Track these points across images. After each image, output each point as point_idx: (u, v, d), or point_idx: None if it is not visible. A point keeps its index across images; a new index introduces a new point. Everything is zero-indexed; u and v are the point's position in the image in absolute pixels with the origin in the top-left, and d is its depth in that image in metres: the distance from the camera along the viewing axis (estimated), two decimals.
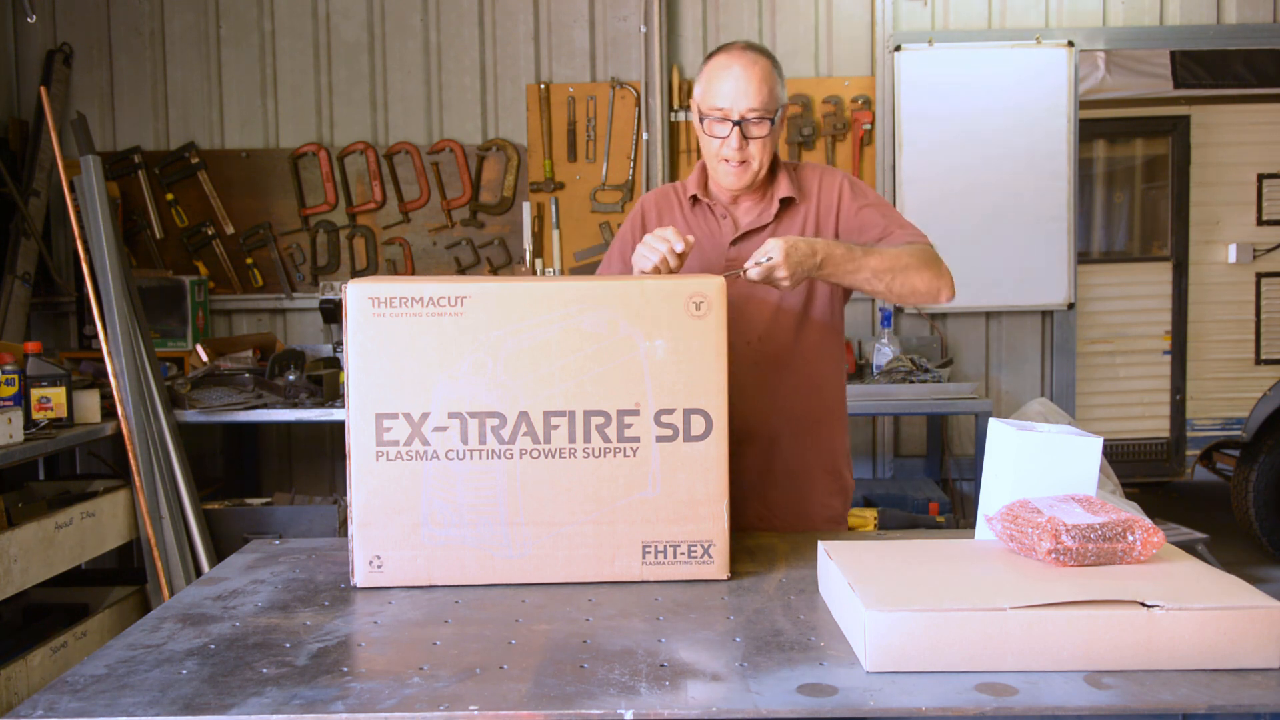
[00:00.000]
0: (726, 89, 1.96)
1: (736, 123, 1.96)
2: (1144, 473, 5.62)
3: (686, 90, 4.53)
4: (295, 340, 4.68)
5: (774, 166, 2.08)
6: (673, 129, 4.56)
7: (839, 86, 4.58)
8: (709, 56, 2.04)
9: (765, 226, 2.05)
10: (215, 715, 1.17)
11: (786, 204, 2.07)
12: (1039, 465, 1.51)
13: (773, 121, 1.98)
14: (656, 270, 1.80)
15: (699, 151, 2.13)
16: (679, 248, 1.80)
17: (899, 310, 4.49)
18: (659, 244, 1.81)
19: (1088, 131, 5.36)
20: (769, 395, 2.05)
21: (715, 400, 1.61)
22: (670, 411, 1.60)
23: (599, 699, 1.19)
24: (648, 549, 1.62)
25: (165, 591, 3.51)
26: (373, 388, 1.59)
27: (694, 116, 2.07)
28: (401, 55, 4.64)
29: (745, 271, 1.81)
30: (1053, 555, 1.38)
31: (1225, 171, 5.55)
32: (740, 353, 1.98)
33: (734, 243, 2.06)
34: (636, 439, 1.60)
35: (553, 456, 1.60)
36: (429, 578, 1.62)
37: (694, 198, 2.12)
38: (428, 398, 1.59)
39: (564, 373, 1.59)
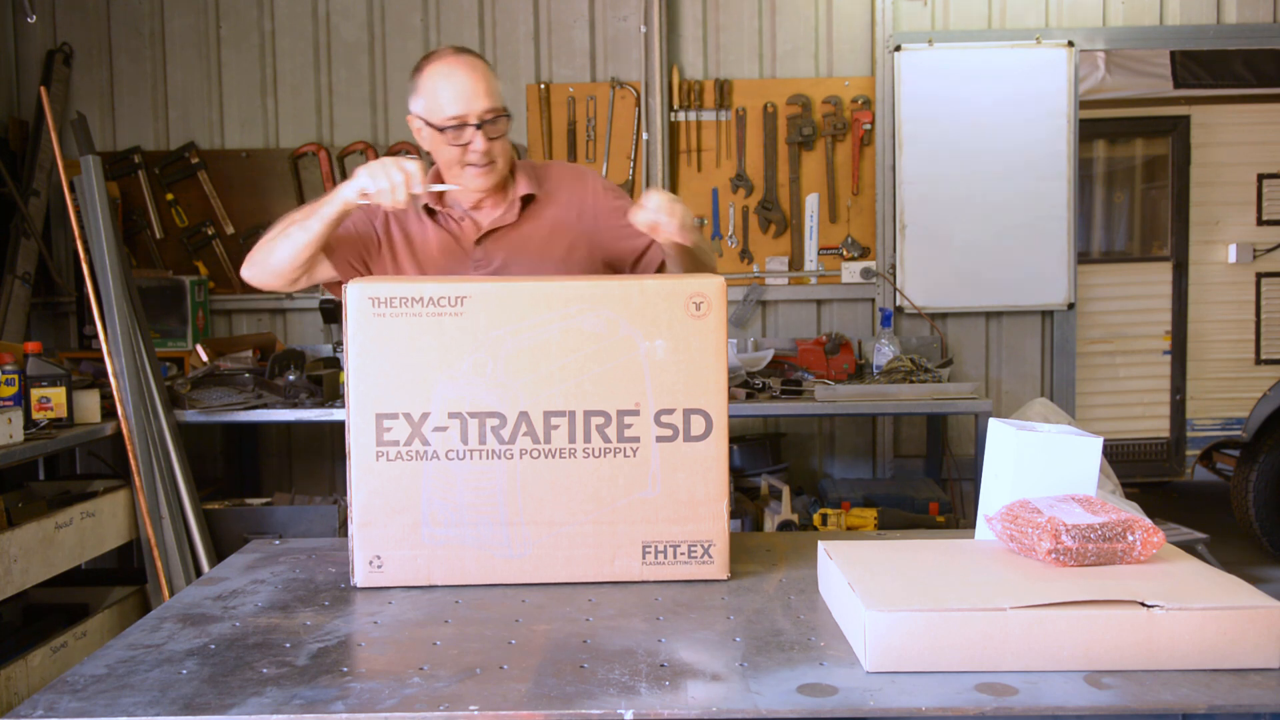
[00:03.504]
0: (457, 94, 1.94)
1: (477, 125, 1.94)
2: (1144, 473, 5.62)
3: (686, 90, 4.53)
4: (295, 340, 4.68)
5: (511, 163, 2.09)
6: (673, 129, 4.55)
7: (839, 86, 4.58)
8: (420, 68, 2.00)
9: (510, 225, 2.05)
10: (215, 715, 1.17)
11: (528, 201, 2.06)
12: (1039, 465, 1.51)
13: (508, 117, 1.98)
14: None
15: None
16: (415, 189, 1.81)
17: (899, 310, 4.49)
18: (397, 174, 1.79)
19: (1088, 131, 5.35)
20: None
21: (715, 400, 1.61)
22: (670, 411, 1.60)
23: (599, 699, 1.19)
24: (648, 549, 1.62)
25: (165, 591, 3.51)
26: (373, 388, 1.59)
27: (418, 130, 2.02)
28: (401, 55, 4.63)
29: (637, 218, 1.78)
30: (1053, 555, 1.38)
31: (1225, 171, 5.54)
32: None
33: (479, 241, 2.05)
34: (636, 439, 1.60)
35: (553, 456, 1.60)
36: (429, 578, 1.62)
37: (428, 209, 2.07)
38: (428, 398, 1.59)
39: (564, 373, 1.59)
